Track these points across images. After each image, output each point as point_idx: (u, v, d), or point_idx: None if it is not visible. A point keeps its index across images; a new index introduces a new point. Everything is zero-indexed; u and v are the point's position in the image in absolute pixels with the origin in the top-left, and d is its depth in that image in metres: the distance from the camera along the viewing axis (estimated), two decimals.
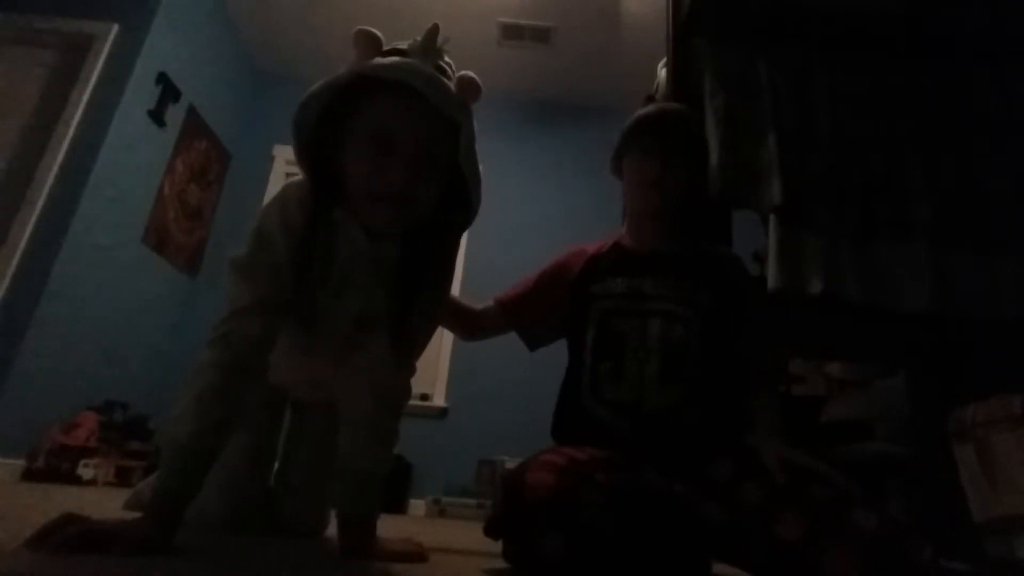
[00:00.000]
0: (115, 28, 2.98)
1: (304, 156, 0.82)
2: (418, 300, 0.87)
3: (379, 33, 0.81)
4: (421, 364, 0.97)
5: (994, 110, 1.32)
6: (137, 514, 0.69)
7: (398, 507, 3.05)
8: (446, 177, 0.82)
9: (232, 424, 0.74)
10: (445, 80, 0.78)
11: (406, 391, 0.94)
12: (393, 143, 0.76)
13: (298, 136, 0.80)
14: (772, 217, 1.22)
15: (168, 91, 3.20)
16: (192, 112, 3.46)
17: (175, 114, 3.30)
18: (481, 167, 0.84)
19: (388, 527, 0.96)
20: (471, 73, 0.80)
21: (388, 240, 0.84)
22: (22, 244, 2.59)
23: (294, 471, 1.12)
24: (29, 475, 2.43)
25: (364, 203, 0.78)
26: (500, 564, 0.85)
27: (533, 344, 1.21)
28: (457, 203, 0.86)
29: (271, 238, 0.79)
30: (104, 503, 1.53)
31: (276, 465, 1.14)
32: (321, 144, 0.81)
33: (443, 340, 3.57)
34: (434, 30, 0.81)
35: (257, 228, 0.81)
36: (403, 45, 0.82)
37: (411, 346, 0.91)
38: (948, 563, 1.18)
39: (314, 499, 1.11)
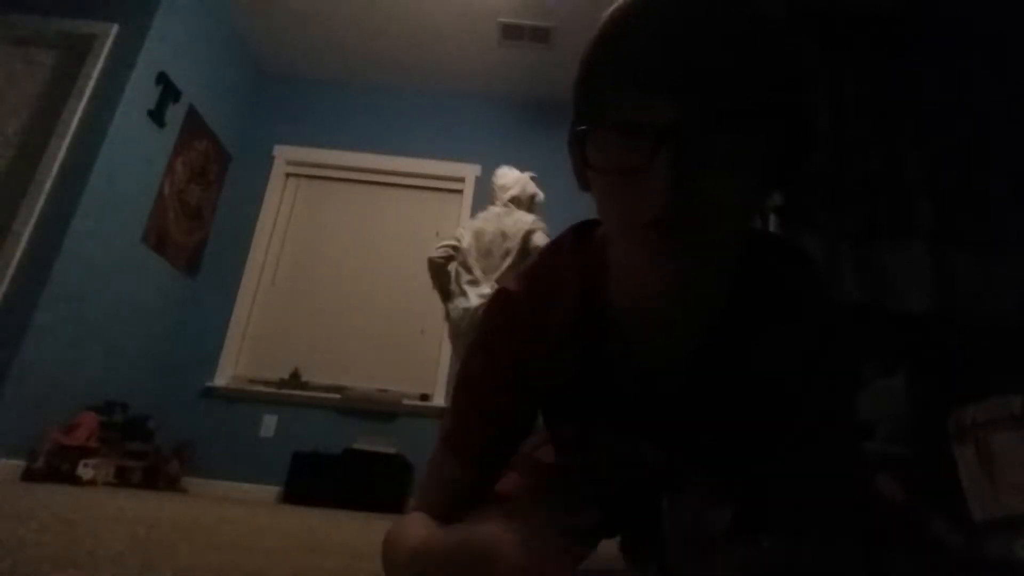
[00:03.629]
0: (115, 28, 2.98)
1: None
2: None
3: None
4: (421, 364, 0.97)
5: (993, 110, 1.33)
6: None
7: (398, 507, 3.05)
8: None
9: None
10: None
11: None
12: None
13: None
14: (772, 217, 1.22)
15: (168, 91, 3.20)
16: (192, 112, 3.46)
17: (175, 114, 3.30)
18: (480, 167, 0.83)
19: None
20: None
21: None
22: (22, 244, 2.59)
23: None
24: (29, 475, 2.43)
25: None
26: None
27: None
28: None
29: None
30: (104, 504, 1.53)
31: None
32: None
33: (443, 340, 3.57)
34: None
35: None
36: None
37: None
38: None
39: None
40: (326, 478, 3.08)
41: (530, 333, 0.62)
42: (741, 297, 0.57)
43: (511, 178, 2.58)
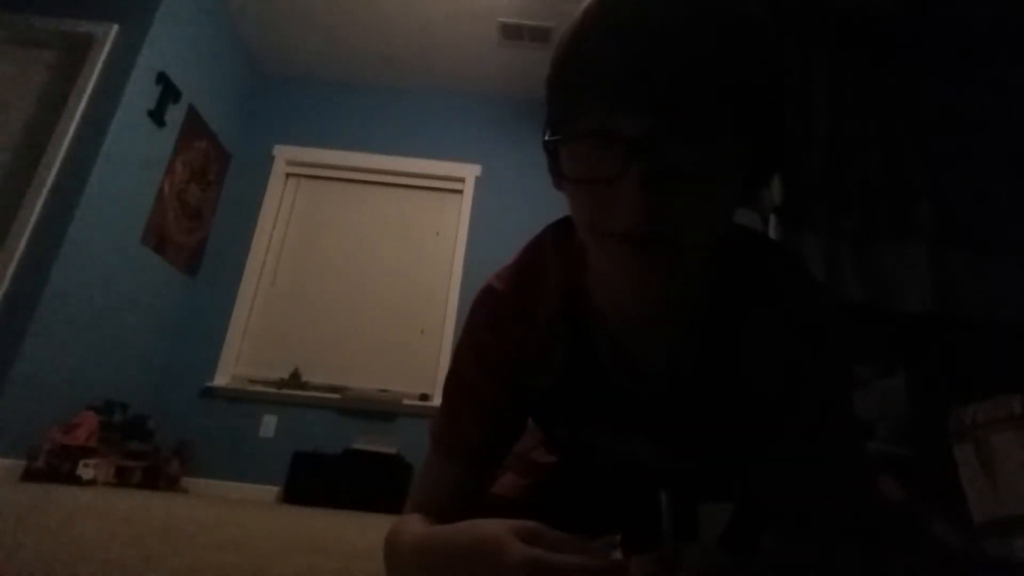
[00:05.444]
0: (115, 28, 2.98)
1: None
2: None
3: None
4: (421, 364, 0.96)
5: (994, 110, 1.32)
6: None
7: (398, 507, 3.05)
8: None
9: None
10: None
11: None
12: None
13: None
14: (772, 217, 1.22)
15: (168, 91, 3.20)
16: (192, 112, 3.46)
17: (175, 114, 3.30)
18: (481, 167, 0.83)
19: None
20: None
21: None
22: (22, 244, 2.59)
23: None
24: (29, 475, 2.43)
25: None
26: None
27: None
28: None
29: None
30: (104, 504, 1.53)
31: None
32: None
33: (443, 340, 3.57)
34: None
35: None
36: None
37: None
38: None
39: None
40: (326, 478, 3.08)
41: (519, 330, 0.61)
42: (729, 298, 0.57)
43: None
